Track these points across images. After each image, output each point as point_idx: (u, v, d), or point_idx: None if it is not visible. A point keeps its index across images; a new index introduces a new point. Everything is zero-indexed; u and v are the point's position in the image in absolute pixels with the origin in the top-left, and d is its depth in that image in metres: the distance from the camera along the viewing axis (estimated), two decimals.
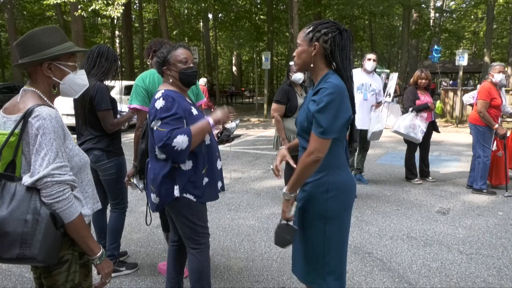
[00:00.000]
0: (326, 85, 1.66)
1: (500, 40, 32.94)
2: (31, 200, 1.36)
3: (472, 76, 33.40)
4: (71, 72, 1.58)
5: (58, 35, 1.55)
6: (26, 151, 1.42)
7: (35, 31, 1.53)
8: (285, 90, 4.34)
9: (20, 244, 1.32)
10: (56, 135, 1.41)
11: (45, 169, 1.36)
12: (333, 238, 1.81)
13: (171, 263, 2.44)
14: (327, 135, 1.66)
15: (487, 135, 4.87)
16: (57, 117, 1.44)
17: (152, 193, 2.15)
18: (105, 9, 12.22)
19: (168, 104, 1.97)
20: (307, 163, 1.71)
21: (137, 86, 2.73)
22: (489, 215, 4.30)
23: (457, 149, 8.49)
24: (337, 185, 1.79)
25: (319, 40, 1.72)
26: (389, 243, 3.58)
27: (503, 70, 4.84)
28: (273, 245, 3.53)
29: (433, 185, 5.54)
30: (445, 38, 31.73)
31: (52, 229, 1.36)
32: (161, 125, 1.95)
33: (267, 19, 20.87)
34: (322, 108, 1.63)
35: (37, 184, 1.37)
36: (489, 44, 17.34)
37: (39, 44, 1.50)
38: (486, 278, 2.96)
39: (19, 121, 1.41)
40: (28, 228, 1.32)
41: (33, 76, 1.54)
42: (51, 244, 1.37)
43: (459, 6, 32.88)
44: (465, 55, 11.78)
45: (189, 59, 2.12)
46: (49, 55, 1.50)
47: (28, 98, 1.49)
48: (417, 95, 5.30)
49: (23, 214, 1.33)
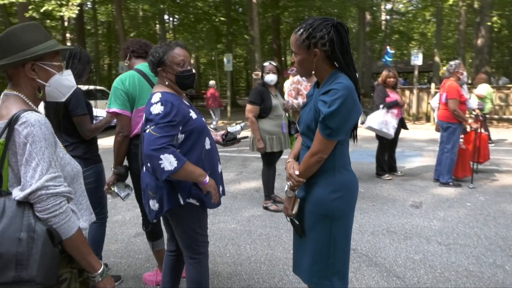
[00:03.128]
0: (338, 86, 1.62)
1: (446, 41, 34.87)
2: (23, 216, 1.22)
3: (422, 75, 35.06)
4: (56, 72, 1.44)
5: (40, 32, 1.40)
6: (13, 162, 1.28)
7: (14, 29, 1.37)
8: (259, 91, 4.32)
9: (16, 265, 1.17)
10: (47, 143, 1.28)
11: (39, 181, 1.23)
12: (338, 238, 1.80)
13: (168, 273, 2.32)
14: (334, 137, 1.65)
15: (458, 131, 5.12)
16: (47, 123, 1.30)
17: (150, 200, 2.02)
18: (59, 10, 11.58)
19: (167, 109, 1.84)
20: (310, 163, 1.71)
21: (116, 89, 2.55)
22: (459, 207, 4.50)
23: (418, 145, 8.87)
24: (344, 185, 1.77)
25: (317, 46, 1.65)
26: (371, 239, 3.65)
27: (464, 70, 5.14)
28: (259, 247, 3.53)
29: (402, 180, 5.74)
30: (395, 40, 33.11)
31: (49, 246, 1.23)
32: (155, 129, 1.82)
33: (227, 21, 20.80)
34: (335, 111, 1.60)
35: (30, 198, 1.23)
36: (439, 44, 18.30)
37: (19, 43, 1.34)
38: (467, 266, 3.08)
39: (3, 129, 1.26)
40: (23, 247, 1.18)
41: (14, 79, 1.38)
42: (50, 263, 1.23)
43: (407, 8, 34.45)
44: (419, 55, 12.35)
45: (186, 60, 2.01)
46: (32, 54, 1.34)
47: (11, 103, 1.34)
48: (386, 93, 5.50)
49: (16, 232, 1.19)
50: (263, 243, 3.62)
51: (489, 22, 15.68)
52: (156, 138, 1.79)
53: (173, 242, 2.29)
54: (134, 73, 2.61)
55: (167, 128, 1.83)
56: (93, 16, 22.61)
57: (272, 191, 4.66)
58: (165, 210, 2.00)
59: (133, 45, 2.77)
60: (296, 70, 1.80)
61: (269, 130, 4.30)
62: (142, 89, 2.54)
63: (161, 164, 1.78)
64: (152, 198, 2.01)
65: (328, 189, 1.75)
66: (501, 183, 5.48)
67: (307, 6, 18.67)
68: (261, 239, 3.72)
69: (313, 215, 1.80)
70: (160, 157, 1.78)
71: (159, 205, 2.00)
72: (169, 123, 1.84)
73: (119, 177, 2.65)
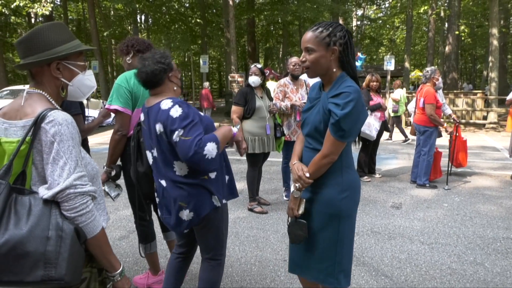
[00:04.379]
0: (349, 89, 1.66)
1: (413, 47, 36.16)
2: (51, 214, 1.21)
3: (392, 80, 36.15)
4: (80, 72, 1.44)
5: (66, 32, 1.41)
6: (38, 160, 1.27)
7: (40, 28, 1.37)
8: (243, 92, 4.35)
9: (44, 264, 1.16)
10: (74, 142, 1.28)
11: (67, 180, 1.22)
12: (346, 236, 1.84)
13: (173, 275, 2.28)
14: (347, 138, 1.70)
15: (434, 135, 5.32)
16: (73, 122, 1.31)
17: (182, 210, 1.96)
18: (31, 6, 11.15)
19: (185, 110, 1.84)
20: (321, 165, 1.75)
21: (120, 87, 2.48)
22: (437, 207, 4.68)
23: (392, 148, 9.14)
24: (350, 185, 1.82)
25: (336, 44, 1.70)
26: (357, 239, 3.74)
27: (440, 76, 5.37)
28: (248, 249, 3.54)
29: (381, 182, 5.90)
30: (366, 45, 33.99)
31: (77, 245, 1.23)
32: (184, 134, 1.80)
33: (202, 23, 20.70)
34: (348, 113, 1.64)
35: (57, 196, 1.22)
36: (409, 50, 18.92)
37: (46, 42, 1.34)
38: (450, 264, 3.21)
39: (29, 127, 1.25)
40: (51, 246, 1.18)
41: (38, 77, 1.38)
42: (77, 262, 1.23)
43: (377, 15, 35.45)
44: (392, 60, 12.74)
45: None
46: (58, 54, 1.35)
47: (36, 101, 1.33)
48: (370, 96, 5.65)
49: (45, 231, 1.18)
50: (251, 245, 3.63)
51: (457, 31, 16.35)
52: (191, 142, 1.78)
53: (184, 245, 2.27)
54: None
55: (194, 128, 1.83)
56: (64, 13, 21.92)
57: (257, 193, 4.69)
58: (203, 215, 1.98)
59: (139, 45, 2.68)
60: (308, 68, 1.76)
61: (252, 131, 4.32)
62: (144, 89, 2.50)
63: (207, 156, 1.80)
64: (185, 208, 1.96)
65: (337, 189, 1.80)
66: (474, 184, 5.73)
67: (282, 10, 18.87)
68: (249, 240, 3.73)
69: (322, 215, 1.83)
70: (203, 154, 1.78)
71: (194, 212, 1.96)
72: (191, 123, 1.83)
73: (111, 177, 2.59)
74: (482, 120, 13.58)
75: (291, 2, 19.62)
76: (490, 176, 6.27)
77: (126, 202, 4.52)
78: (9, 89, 11.78)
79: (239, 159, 7.59)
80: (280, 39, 31.04)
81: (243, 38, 25.96)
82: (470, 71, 43.07)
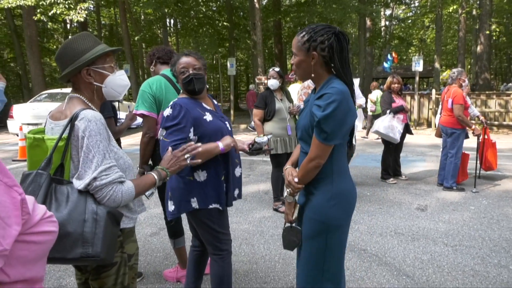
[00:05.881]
0: (331, 90, 1.64)
1: (444, 47, 35.26)
2: (86, 201, 1.39)
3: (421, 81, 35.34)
4: (110, 73, 1.60)
5: (90, 39, 1.58)
6: (74, 154, 1.45)
7: (67, 42, 1.57)
8: (263, 96, 4.53)
9: (82, 243, 1.34)
10: (101, 137, 1.45)
11: (94, 172, 1.40)
12: (334, 245, 1.81)
13: (192, 268, 2.47)
14: (330, 141, 1.66)
15: (462, 137, 5.27)
16: (101, 119, 1.48)
17: (169, 200, 2.18)
18: (67, 13, 11.74)
19: (175, 112, 2.01)
20: (308, 169, 1.73)
21: (144, 92, 2.70)
22: (463, 210, 4.65)
23: (420, 150, 9.02)
24: (341, 193, 1.78)
25: (316, 49, 1.69)
26: (380, 240, 3.79)
27: (466, 77, 5.31)
28: (272, 247, 3.66)
29: (407, 184, 5.88)
30: (395, 45, 33.45)
31: (110, 227, 1.40)
32: (165, 135, 2.00)
33: (229, 26, 20.98)
34: (329, 114, 1.61)
35: (88, 188, 1.41)
36: (439, 51, 18.51)
37: (73, 53, 1.53)
38: (473, 266, 3.22)
39: (66, 125, 1.45)
40: (88, 227, 1.35)
41: (75, 85, 1.58)
42: (110, 242, 1.41)
43: (406, 14, 34.80)
44: (420, 61, 12.54)
45: (188, 67, 2.12)
46: (84, 61, 1.52)
47: (74, 104, 1.53)
48: (392, 99, 5.67)
49: (81, 214, 1.36)
50: (276, 243, 3.75)
51: (488, 30, 15.89)
52: (167, 144, 1.96)
53: (197, 238, 2.44)
54: (160, 78, 2.76)
55: (176, 133, 1.99)
56: (97, 19, 22.75)
57: (281, 193, 4.80)
58: (179, 213, 2.17)
59: (158, 52, 2.92)
60: (294, 72, 1.83)
61: (274, 133, 4.45)
62: (167, 93, 2.68)
63: None
64: (170, 199, 2.16)
65: (326, 196, 1.77)
66: (503, 188, 5.63)
67: (309, 12, 18.86)
68: (274, 239, 3.85)
69: (311, 222, 1.81)
70: None
71: (175, 206, 2.16)
72: (176, 126, 1.99)
73: None
74: None
75: (318, 3, 19.58)
76: None
77: (157, 200, 4.72)
78: (47, 92, 12.39)
79: (265, 160, 7.73)
80: None
81: (270, 40, 26.10)
82: (505, 71, 41.50)
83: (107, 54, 1.60)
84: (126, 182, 1.48)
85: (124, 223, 1.57)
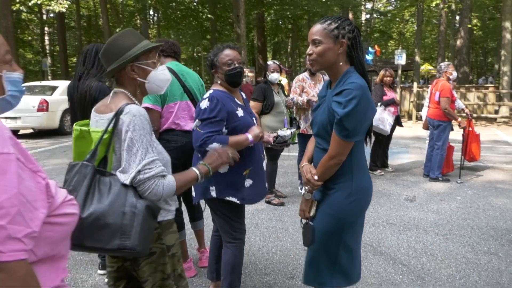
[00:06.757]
0: (351, 86, 1.60)
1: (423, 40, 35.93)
2: (127, 194, 1.41)
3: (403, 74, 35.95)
4: (152, 69, 1.62)
5: (134, 36, 1.61)
6: (117, 147, 1.48)
7: (112, 38, 1.60)
8: (262, 88, 4.50)
9: (121, 235, 1.37)
10: (145, 131, 1.47)
11: (138, 166, 1.42)
12: (348, 240, 1.81)
13: (213, 252, 2.58)
14: (352, 138, 1.64)
15: (448, 129, 5.41)
16: (145, 114, 1.51)
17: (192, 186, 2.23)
18: (48, 3, 11.38)
19: (212, 105, 2.05)
20: (329, 166, 1.71)
21: None
22: (450, 200, 4.79)
23: (403, 142, 9.22)
24: (360, 189, 1.77)
25: (345, 37, 1.66)
26: (373, 230, 3.87)
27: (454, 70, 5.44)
28: (268, 239, 3.69)
29: (394, 176, 6.01)
30: (374, 38, 33.84)
31: (147, 221, 1.42)
32: (200, 126, 2.05)
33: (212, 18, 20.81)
34: (350, 112, 1.58)
35: (132, 182, 1.42)
36: (419, 44, 18.87)
37: (118, 50, 1.55)
38: (465, 254, 3.33)
39: (111, 119, 1.47)
40: (126, 220, 1.38)
41: (120, 80, 1.61)
42: (147, 236, 1.43)
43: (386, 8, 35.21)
44: (403, 54, 12.75)
45: (234, 59, 2.19)
46: (128, 57, 1.55)
47: (119, 98, 1.56)
48: (383, 91, 5.76)
49: (121, 207, 1.38)
50: (271, 235, 3.79)
51: (469, 24, 16.25)
52: (201, 135, 2.01)
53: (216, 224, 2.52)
54: None
55: (211, 125, 2.04)
56: (77, 10, 22.16)
57: (274, 185, 4.83)
58: (198, 199, 2.25)
59: (162, 45, 2.87)
60: (312, 62, 1.73)
61: (271, 126, 4.46)
62: (172, 86, 2.66)
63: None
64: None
65: (345, 192, 1.75)
66: (486, 178, 5.82)
67: (292, 4, 18.89)
68: (269, 231, 3.89)
69: (328, 217, 1.80)
70: (206, 150, 2.00)
71: (195, 193, 2.25)
72: (212, 119, 2.04)
73: None
74: (493, 114, 13.56)
75: None
76: (502, 170, 6.35)
77: None
78: (26, 85, 12.02)
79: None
80: (289, 34, 31.01)
81: (251, 33, 26.01)
82: (481, 64, 42.62)
83: (150, 50, 1.62)
84: (167, 177, 1.50)
85: (162, 216, 1.59)
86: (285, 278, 2.97)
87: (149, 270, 1.57)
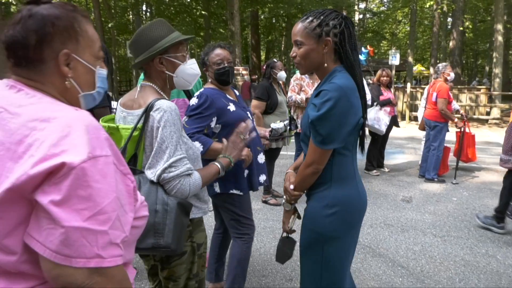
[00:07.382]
0: (328, 87, 1.42)
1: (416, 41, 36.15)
2: (157, 191, 1.37)
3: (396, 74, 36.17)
4: (181, 63, 1.56)
5: (164, 27, 1.53)
6: (147, 145, 1.43)
7: (142, 28, 1.52)
8: (265, 87, 4.38)
9: (154, 234, 1.33)
10: (175, 128, 1.42)
11: (165, 163, 1.37)
12: (332, 260, 1.59)
13: (212, 252, 2.57)
14: (328, 145, 1.46)
15: (444, 130, 5.41)
16: (176, 110, 1.45)
17: None
18: None
19: (200, 101, 2.07)
20: (305, 175, 1.55)
21: None
22: (446, 201, 4.79)
23: (398, 143, 9.24)
24: (340, 200, 1.55)
25: (329, 35, 1.46)
26: (371, 231, 3.85)
27: (451, 71, 5.44)
28: (266, 239, 3.65)
29: (390, 176, 6.00)
30: (367, 38, 33.95)
31: (180, 218, 1.38)
32: (187, 121, 2.07)
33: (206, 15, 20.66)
34: (323, 115, 1.41)
35: (158, 180, 1.39)
36: (412, 45, 18.96)
37: (147, 41, 1.49)
38: (463, 256, 3.32)
39: (141, 115, 1.41)
40: (159, 218, 1.34)
41: (148, 73, 1.55)
42: (180, 233, 1.40)
43: (379, 8, 35.35)
44: (397, 55, 12.78)
45: (224, 59, 2.21)
46: (157, 49, 1.48)
47: (147, 93, 1.49)
48: (380, 91, 5.74)
49: (153, 205, 1.34)
50: (269, 236, 3.74)
51: (461, 26, 16.36)
52: (187, 130, 2.02)
53: (218, 221, 2.55)
54: None
55: (197, 121, 2.05)
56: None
57: (270, 185, 4.78)
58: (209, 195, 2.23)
59: (193, 37, 2.85)
60: (297, 65, 1.59)
61: None
62: None
63: None
64: None
65: (321, 203, 1.56)
66: (481, 179, 5.84)
67: (286, 3, 18.83)
68: (266, 231, 3.84)
69: (306, 231, 1.64)
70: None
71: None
72: (199, 115, 2.06)
73: None
74: (485, 115, 13.67)
75: None
76: (496, 172, 6.37)
77: None
78: None
79: None
80: (282, 32, 30.96)
81: (245, 30, 25.88)
82: (471, 66, 43.03)
83: (180, 43, 1.55)
84: (193, 174, 1.45)
85: (194, 213, 1.56)
86: (283, 280, 2.93)
87: (179, 270, 1.55)
